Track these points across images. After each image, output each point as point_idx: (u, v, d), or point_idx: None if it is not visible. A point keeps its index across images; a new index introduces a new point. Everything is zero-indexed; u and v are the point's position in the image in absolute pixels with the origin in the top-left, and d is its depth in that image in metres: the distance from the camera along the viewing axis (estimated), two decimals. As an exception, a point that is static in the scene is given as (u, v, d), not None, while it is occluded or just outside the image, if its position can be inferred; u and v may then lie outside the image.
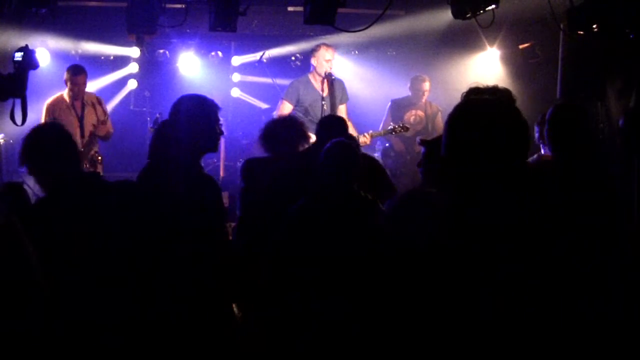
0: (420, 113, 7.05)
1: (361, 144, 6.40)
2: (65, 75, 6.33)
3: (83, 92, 6.40)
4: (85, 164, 6.25)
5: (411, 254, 1.77)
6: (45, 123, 3.03)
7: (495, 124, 1.67)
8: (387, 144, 7.18)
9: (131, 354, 2.61)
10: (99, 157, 6.45)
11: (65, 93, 6.37)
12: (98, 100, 6.55)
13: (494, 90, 1.81)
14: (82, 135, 6.33)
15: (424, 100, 7.07)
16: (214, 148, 3.30)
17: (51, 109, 6.29)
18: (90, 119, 6.40)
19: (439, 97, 7.30)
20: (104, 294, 2.61)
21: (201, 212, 3.13)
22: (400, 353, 1.72)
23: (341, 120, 4.71)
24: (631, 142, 3.89)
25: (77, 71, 6.36)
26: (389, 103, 7.18)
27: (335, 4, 5.10)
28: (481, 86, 1.82)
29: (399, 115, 7.02)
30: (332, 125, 4.49)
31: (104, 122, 6.41)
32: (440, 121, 7.04)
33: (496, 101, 1.75)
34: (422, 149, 3.24)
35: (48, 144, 2.95)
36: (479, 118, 1.68)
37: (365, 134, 6.42)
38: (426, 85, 7.04)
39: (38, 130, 3.04)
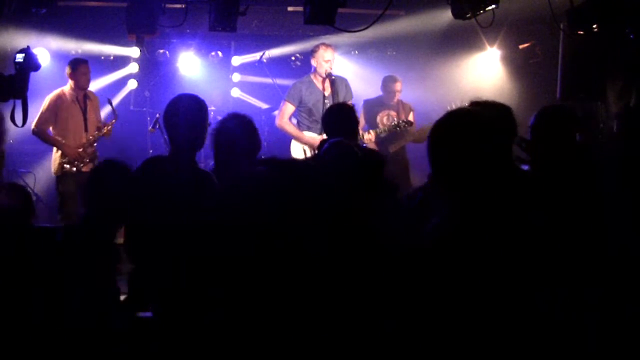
0: (393, 113, 6.95)
1: (366, 142, 6.39)
2: (67, 70, 6.42)
3: (87, 83, 6.49)
4: (87, 160, 6.39)
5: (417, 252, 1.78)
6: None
7: (474, 135, 1.68)
8: (362, 145, 7.10)
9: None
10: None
11: (66, 88, 6.44)
12: (98, 102, 6.70)
13: (491, 105, 1.83)
14: (86, 130, 6.45)
15: (395, 100, 6.98)
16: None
17: (53, 102, 6.36)
18: (92, 115, 6.53)
19: (439, 97, 7.30)
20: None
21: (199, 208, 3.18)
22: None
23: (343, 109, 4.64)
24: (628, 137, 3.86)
25: (78, 62, 6.49)
26: (362, 103, 7.04)
27: (335, 4, 5.10)
28: (480, 100, 1.83)
29: (372, 115, 6.88)
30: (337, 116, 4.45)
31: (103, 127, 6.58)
32: (413, 120, 6.98)
33: (474, 112, 1.77)
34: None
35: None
36: (459, 130, 1.70)
37: (370, 131, 6.42)
38: (398, 86, 6.93)
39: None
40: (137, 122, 8.44)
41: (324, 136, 6.09)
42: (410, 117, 6.93)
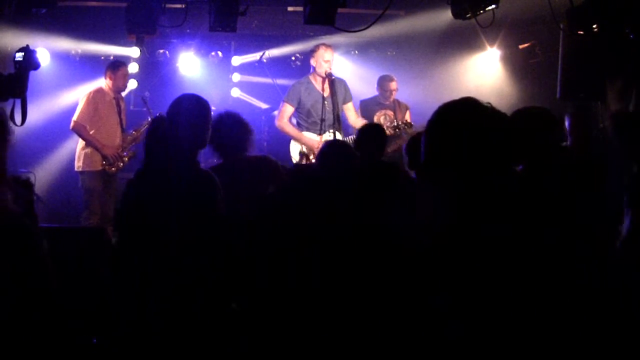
0: (390, 113, 6.92)
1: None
2: (107, 71, 6.56)
3: (125, 85, 6.72)
4: (126, 160, 6.55)
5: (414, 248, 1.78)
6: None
7: (476, 127, 1.66)
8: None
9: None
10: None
11: (104, 86, 6.55)
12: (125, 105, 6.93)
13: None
14: (123, 130, 6.67)
15: (392, 100, 6.96)
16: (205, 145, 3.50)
17: (94, 98, 6.43)
18: (124, 117, 6.75)
19: (439, 98, 7.24)
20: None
21: (202, 208, 3.19)
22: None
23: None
24: (619, 144, 3.86)
25: (119, 64, 6.69)
26: (358, 103, 7.00)
27: (335, 4, 5.10)
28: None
29: (369, 115, 6.83)
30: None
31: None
32: (409, 118, 6.96)
33: (475, 103, 1.75)
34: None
35: None
36: (461, 121, 1.68)
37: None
38: (394, 85, 6.90)
39: None
40: (137, 122, 8.42)
41: (324, 137, 6.10)
42: (407, 116, 6.92)
